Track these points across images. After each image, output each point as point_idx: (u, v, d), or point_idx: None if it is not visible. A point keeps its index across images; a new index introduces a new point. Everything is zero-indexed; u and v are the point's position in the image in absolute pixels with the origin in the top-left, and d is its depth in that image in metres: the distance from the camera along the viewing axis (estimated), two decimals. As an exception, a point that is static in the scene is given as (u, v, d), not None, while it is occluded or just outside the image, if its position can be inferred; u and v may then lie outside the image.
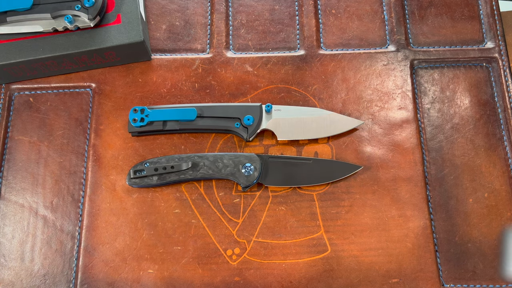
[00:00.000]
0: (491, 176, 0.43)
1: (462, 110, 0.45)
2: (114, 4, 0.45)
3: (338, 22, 0.49)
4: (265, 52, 0.48)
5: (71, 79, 0.46)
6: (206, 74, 0.46)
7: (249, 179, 0.41)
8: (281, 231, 0.41)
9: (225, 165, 0.40)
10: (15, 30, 0.43)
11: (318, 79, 0.46)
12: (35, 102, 0.46)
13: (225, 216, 0.42)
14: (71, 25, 0.43)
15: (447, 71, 0.47)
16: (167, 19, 0.49)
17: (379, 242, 0.41)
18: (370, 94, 0.46)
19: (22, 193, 0.43)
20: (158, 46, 0.48)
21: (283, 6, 0.49)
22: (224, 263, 0.40)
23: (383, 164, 0.43)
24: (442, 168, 0.43)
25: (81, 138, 0.44)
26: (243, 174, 0.41)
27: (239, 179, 0.41)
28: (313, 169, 0.42)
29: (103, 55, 0.45)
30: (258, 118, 0.43)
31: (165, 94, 0.46)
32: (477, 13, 0.49)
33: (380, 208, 0.42)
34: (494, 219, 0.42)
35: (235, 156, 0.41)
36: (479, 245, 0.41)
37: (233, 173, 0.40)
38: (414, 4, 0.49)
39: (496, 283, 0.40)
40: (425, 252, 0.41)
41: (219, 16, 0.49)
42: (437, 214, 0.42)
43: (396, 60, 0.47)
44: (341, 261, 0.40)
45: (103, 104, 0.45)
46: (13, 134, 0.45)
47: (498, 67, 0.47)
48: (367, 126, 0.45)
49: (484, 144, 0.44)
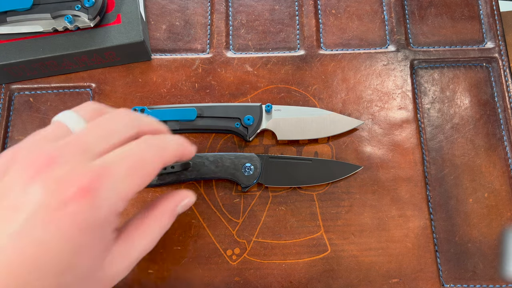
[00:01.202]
0: (491, 176, 0.43)
1: (462, 110, 0.45)
2: (114, 4, 0.45)
3: (338, 22, 0.49)
4: (265, 52, 0.48)
5: (71, 79, 0.46)
6: (206, 74, 0.46)
7: (249, 179, 0.41)
8: (281, 231, 0.41)
9: (225, 165, 0.40)
10: (15, 30, 0.43)
11: (318, 79, 0.46)
12: (35, 102, 0.46)
13: (225, 216, 0.42)
14: (71, 25, 0.43)
15: (447, 71, 0.47)
16: (167, 19, 0.49)
17: (379, 242, 0.41)
18: (370, 94, 0.46)
19: (22, 193, 0.43)
20: (158, 46, 0.48)
21: (283, 6, 0.49)
22: (224, 263, 0.40)
23: (383, 164, 0.43)
24: (442, 168, 0.43)
25: (81, 138, 0.44)
26: (243, 174, 0.41)
27: (239, 179, 0.41)
28: (313, 169, 0.42)
29: (103, 55, 0.45)
30: (258, 118, 0.43)
31: (165, 94, 0.46)
32: (477, 13, 0.49)
33: (380, 208, 0.42)
34: (494, 219, 0.42)
35: (235, 156, 0.41)
36: (479, 245, 0.41)
37: (233, 173, 0.40)
38: (414, 4, 0.49)
39: (496, 283, 0.40)
40: (425, 252, 0.41)
41: (219, 16, 0.49)
42: (437, 214, 0.42)
43: (396, 60, 0.47)
44: (341, 261, 0.40)
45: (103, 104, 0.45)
46: (13, 134, 0.45)
47: (498, 67, 0.47)
48: (367, 126, 0.45)
49: (484, 144, 0.44)
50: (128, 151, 0.27)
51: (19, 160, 0.25)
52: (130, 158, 0.26)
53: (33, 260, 0.23)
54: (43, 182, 0.24)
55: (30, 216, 0.23)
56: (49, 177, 0.24)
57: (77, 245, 0.24)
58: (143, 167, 0.27)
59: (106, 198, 0.25)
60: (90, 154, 0.26)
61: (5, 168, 0.25)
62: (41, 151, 0.25)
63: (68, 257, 0.24)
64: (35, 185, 0.24)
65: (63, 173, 0.24)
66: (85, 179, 0.24)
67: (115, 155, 0.26)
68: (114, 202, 0.25)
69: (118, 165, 0.26)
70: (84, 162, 0.25)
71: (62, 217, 0.24)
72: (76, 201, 0.24)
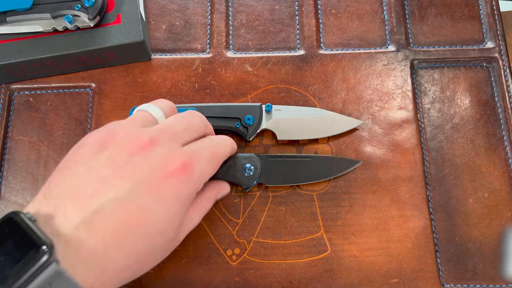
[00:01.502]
0: (491, 176, 0.43)
1: (462, 110, 0.45)
2: (114, 4, 0.45)
3: (338, 22, 0.49)
4: (265, 52, 0.48)
5: (71, 79, 0.46)
6: (206, 74, 0.46)
7: (249, 180, 0.41)
8: (281, 231, 0.41)
9: (225, 166, 0.40)
10: (15, 30, 0.43)
11: (318, 79, 0.46)
12: (35, 102, 0.46)
13: (225, 216, 0.42)
14: (71, 25, 0.43)
15: (447, 71, 0.47)
16: (167, 19, 0.49)
17: (379, 242, 0.41)
18: (370, 94, 0.46)
19: (22, 193, 0.43)
20: (158, 46, 0.48)
21: (283, 6, 0.49)
22: (224, 263, 0.40)
23: (383, 164, 0.43)
24: (442, 168, 0.43)
25: (81, 138, 0.44)
26: (243, 175, 0.40)
27: (240, 180, 0.40)
28: (313, 166, 0.42)
29: (103, 55, 0.45)
30: (258, 118, 0.43)
31: (165, 94, 0.46)
32: (477, 13, 0.49)
33: (380, 208, 0.42)
34: (494, 219, 0.42)
35: (234, 157, 0.40)
36: (479, 245, 0.41)
37: (233, 175, 0.40)
38: (414, 4, 0.49)
39: (496, 283, 0.40)
40: (425, 252, 0.41)
41: (219, 16, 0.49)
42: (437, 214, 0.42)
43: (396, 60, 0.47)
44: (341, 261, 0.40)
45: (103, 104, 0.45)
46: (13, 134, 0.45)
47: (498, 67, 0.47)
48: (367, 126, 0.45)
49: (484, 144, 0.44)
50: (207, 144, 0.33)
51: (120, 138, 0.29)
52: (209, 149, 0.33)
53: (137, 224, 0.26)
54: (149, 157, 0.28)
55: (136, 185, 0.27)
56: (154, 154, 0.28)
57: (173, 214, 0.28)
58: (217, 156, 0.34)
59: (197, 176, 0.30)
60: (180, 142, 0.31)
61: (101, 144, 0.29)
62: (142, 133, 0.29)
63: (164, 224, 0.28)
64: (140, 159, 0.28)
65: (165, 152, 0.29)
66: (183, 159, 0.29)
67: (198, 145, 0.32)
68: (201, 180, 0.31)
69: (203, 152, 0.31)
70: (178, 146, 0.30)
71: (165, 187, 0.28)
72: (176, 175, 0.28)
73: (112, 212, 0.25)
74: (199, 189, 0.31)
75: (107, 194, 0.26)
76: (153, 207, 0.27)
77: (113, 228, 0.25)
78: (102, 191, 0.26)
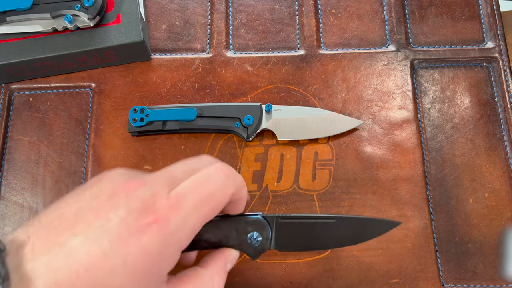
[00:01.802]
0: (491, 176, 0.43)
1: (462, 110, 0.45)
2: (114, 4, 0.45)
3: (338, 22, 0.49)
4: (265, 52, 0.47)
5: (71, 79, 0.46)
6: (206, 74, 0.46)
7: (256, 251, 0.32)
8: (281, 231, 0.41)
9: (227, 235, 0.32)
10: (15, 30, 0.43)
11: (318, 79, 0.46)
12: (35, 102, 0.46)
13: (225, 216, 0.42)
14: (71, 25, 0.43)
15: (447, 71, 0.47)
16: (167, 19, 0.49)
17: (379, 242, 0.41)
18: (370, 94, 0.46)
19: (22, 193, 0.43)
20: (158, 46, 0.48)
21: (283, 6, 0.49)
22: (224, 263, 0.40)
23: (383, 164, 0.43)
24: (442, 168, 0.43)
25: (81, 138, 0.44)
26: (249, 246, 0.32)
27: (246, 250, 0.32)
28: (338, 229, 0.33)
29: (103, 55, 0.45)
30: (258, 118, 0.43)
31: (165, 94, 0.46)
32: (477, 13, 0.49)
33: (380, 208, 0.42)
34: (494, 219, 0.42)
35: (237, 222, 0.32)
36: (480, 245, 0.41)
37: (239, 245, 0.32)
38: (414, 4, 0.49)
39: (496, 283, 0.40)
40: (425, 252, 0.41)
41: (219, 16, 0.49)
42: (437, 214, 0.42)
43: (396, 60, 0.47)
44: (341, 261, 0.40)
45: (103, 104, 0.45)
46: (13, 134, 0.45)
47: (498, 67, 0.47)
48: (367, 126, 0.45)
49: (484, 144, 0.44)
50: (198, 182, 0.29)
51: (115, 174, 0.27)
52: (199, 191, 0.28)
53: (97, 268, 0.24)
54: (129, 197, 0.25)
55: (105, 225, 0.24)
56: (135, 196, 0.26)
57: (136, 270, 0.25)
58: (212, 200, 0.28)
59: (173, 228, 0.26)
60: (173, 187, 0.27)
61: (100, 179, 0.27)
62: (139, 174, 0.27)
63: (122, 278, 0.24)
64: (120, 198, 0.25)
65: (147, 196, 0.26)
66: (159, 207, 0.26)
67: (185, 185, 0.28)
68: (183, 230, 0.26)
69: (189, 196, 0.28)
70: (164, 190, 0.27)
71: (133, 238, 0.24)
72: (147, 226, 0.25)
73: (75, 251, 0.23)
74: (182, 242, 0.26)
75: (77, 229, 0.24)
76: (114, 256, 0.24)
77: (71, 269, 0.23)
78: (74, 226, 0.24)
